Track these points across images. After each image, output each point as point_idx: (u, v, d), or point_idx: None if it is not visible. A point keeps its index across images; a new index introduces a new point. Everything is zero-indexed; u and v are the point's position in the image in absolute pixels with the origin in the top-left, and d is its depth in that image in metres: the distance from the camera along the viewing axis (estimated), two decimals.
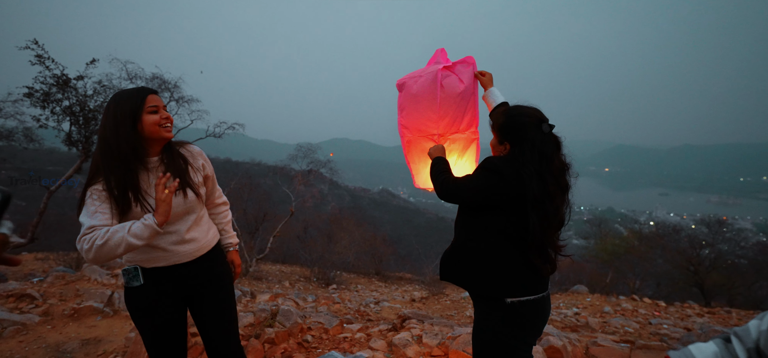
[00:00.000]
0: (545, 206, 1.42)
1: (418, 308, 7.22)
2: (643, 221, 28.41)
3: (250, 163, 32.64)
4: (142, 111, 1.46)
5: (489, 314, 1.50)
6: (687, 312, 6.91)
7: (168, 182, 1.46)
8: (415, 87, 1.68)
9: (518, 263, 1.46)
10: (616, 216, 42.42)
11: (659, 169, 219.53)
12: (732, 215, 73.91)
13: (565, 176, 1.50)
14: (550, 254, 1.48)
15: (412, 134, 1.77)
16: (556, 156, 1.48)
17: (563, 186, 1.49)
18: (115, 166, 1.40)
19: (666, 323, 5.56)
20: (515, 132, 1.50)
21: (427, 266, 13.62)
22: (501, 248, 1.47)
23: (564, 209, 1.50)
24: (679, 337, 4.46)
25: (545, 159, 1.44)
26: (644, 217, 56.69)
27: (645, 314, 6.37)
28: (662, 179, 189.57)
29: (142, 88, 1.49)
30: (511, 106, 1.62)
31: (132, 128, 1.43)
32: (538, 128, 1.48)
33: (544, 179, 1.42)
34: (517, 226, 1.43)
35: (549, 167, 1.44)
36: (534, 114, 1.52)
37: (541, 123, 1.49)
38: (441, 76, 1.66)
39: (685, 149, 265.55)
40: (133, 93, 1.47)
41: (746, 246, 15.98)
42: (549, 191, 1.42)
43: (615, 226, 21.56)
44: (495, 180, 1.44)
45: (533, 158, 1.43)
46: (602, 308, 6.82)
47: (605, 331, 4.86)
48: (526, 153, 1.43)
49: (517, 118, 1.51)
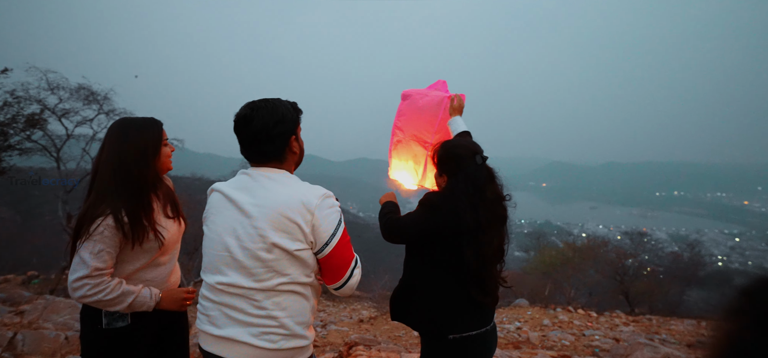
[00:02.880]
0: (480, 239, 1.42)
1: (367, 330, 7.11)
2: (576, 234, 30.58)
3: (190, 178, 30.83)
4: (161, 143, 1.50)
5: (433, 350, 1.49)
6: (615, 321, 7.46)
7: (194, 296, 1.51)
8: (422, 102, 1.89)
9: (461, 297, 1.45)
10: (553, 229, 45.38)
11: (589, 184, 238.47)
12: (650, 227, 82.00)
13: (499, 207, 1.51)
14: (491, 286, 1.47)
15: (405, 136, 1.94)
16: (488, 187, 1.50)
17: (499, 217, 1.50)
18: (133, 195, 1.40)
19: (597, 334, 5.94)
20: (451, 164, 1.53)
21: (375, 282, 13.55)
22: (443, 284, 1.47)
23: (502, 240, 1.51)
24: (608, 348, 4.77)
25: (478, 190, 1.46)
26: (577, 229, 61.14)
27: (579, 326, 6.78)
28: (592, 194, 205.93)
29: (154, 119, 1.52)
30: (450, 139, 1.67)
31: (154, 158, 1.47)
32: (472, 160, 1.50)
33: (477, 211, 1.43)
34: (457, 260, 1.43)
35: (482, 198, 1.46)
36: (468, 147, 1.55)
37: (474, 155, 1.51)
38: (446, 103, 1.88)
39: (611, 166, 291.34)
40: (151, 124, 1.49)
41: (663, 255, 17.77)
42: (482, 222, 1.43)
43: (552, 238, 23.01)
44: (432, 215, 1.46)
45: (467, 189, 1.45)
46: (542, 321, 7.16)
47: (545, 346, 5.07)
48: (460, 184, 1.46)
49: (452, 150, 1.55)
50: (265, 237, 1.22)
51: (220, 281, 1.26)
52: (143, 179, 1.43)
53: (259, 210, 1.24)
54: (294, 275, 1.25)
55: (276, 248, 1.22)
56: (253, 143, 1.30)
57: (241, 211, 1.26)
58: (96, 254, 1.32)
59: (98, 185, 1.40)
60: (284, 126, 1.31)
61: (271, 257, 1.22)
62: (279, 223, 1.22)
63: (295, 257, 1.24)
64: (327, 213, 1.27)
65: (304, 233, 1.24)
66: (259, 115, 1.28)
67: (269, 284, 1.23)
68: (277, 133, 1.29)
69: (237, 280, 1.24)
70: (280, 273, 1.24)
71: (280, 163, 1.34)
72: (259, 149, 1.31)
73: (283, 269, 1.24)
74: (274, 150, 1.31)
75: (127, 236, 1.37)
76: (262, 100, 1.32)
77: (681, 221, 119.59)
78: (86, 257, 1.31)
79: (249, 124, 1.28)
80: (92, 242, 1.32)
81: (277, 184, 1.28)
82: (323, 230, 1.26)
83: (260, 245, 1.22)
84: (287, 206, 1.23)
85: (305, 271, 1.29)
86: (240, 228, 1.25)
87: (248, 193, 1.27)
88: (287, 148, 1.34)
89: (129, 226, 1.37)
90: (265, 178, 1.29)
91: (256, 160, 1.33)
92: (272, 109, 1.30)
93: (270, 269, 1.23)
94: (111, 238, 1.34)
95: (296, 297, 1.28)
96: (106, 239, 1.33)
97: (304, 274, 1.28)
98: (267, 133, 1.28)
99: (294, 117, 1.36)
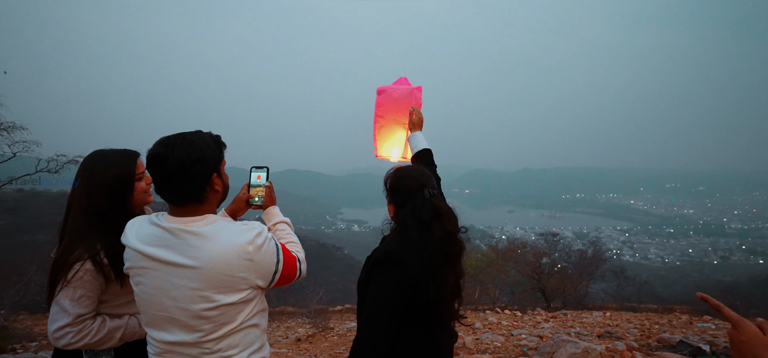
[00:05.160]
0: (435, 279, 1.34)
1: (306, 350, 6.93)
2: (497, 237, 32.91)
3: None
4: (135, 178, 1.40)
5: None
6: (537, 319, 8.16)
7: None
8: (396, 94, 2.20)
9: (422, 337, 1.39)
10: (477, 233, 48.28)
11: (507, 189, 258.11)
12: (559, 227, 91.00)
13: (451, 245, 1.39)
14: (450, 324, 1.42)
15: (386, 121, 2.23)
16: (436, 224, 1.37)
17: (451, 254, 1.39)
18: (109, 234, 1.31)
19: (524, 333, 6.46)
20: (399, 195, 1.46)
21: (310, 297, 13.25)
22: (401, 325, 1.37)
23: (459, 276, 1.43)
24: (535, 346, 5.22)
25: (426, 228, 1.36)
26: (498, 233, 65.75)
27: (507, 326, 7.31)
28: (509, 198, 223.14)
29: (127, 151, 1.42)
30: (402, 166, 1.57)
31: (125, 197, 1.37)
32: (420, 194, 1.42)
33: (427, 249, 1.34)
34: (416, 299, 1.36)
35: (430, 236, 1.35)
36: (417, 178, 1.46)
37: (423, 188, 1.43)
38: (416, 94, 2.22)
39: (525, 172, 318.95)
40: (122, 157, 1.40)
41: (571, 253, 19.83)
42: (434, 263, 1.33)
43: (476, 242, 24.49)
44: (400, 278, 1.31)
45: (415, 225, 1.37)
46: (474, 325, 7.58)
47: (479, 349, 5.39)
48: (408, 219, 1.39)
49: (401, 181, 1.47)
50: (207, 297, 1.15)
51: (166, 339, 1.20)
52: (117, 217, 1.33)
53: (195, 272, 1.15)
54: (244, 316, 1.23)
55: (221, 305, 1.17)
56: (170, 184, 1.18)
57: (172, 272, 1.16)
58: (77, 300, 1.25)
59: (71, 225, 1.32)
60: (204, 164, 1.20)
61: (217, 313, 1.17)
62: (221, 281, 1.16)
63: (244, 302, 1.22)
64: (265, 251, 1.22)
65: (249, 282, 1.20)
66: (175, 154, 1.15)
67: (218, 334, 1.19)
68: (196, 172, 1.18)
69: (183, 337, 1.18)
70: (229, 322, 1.20)
71: (201, 204, 1.24)
72: (177, 191, 1.19)
73: (232, 318, 1.20)
74: (195, 191, 1.20)
75: (109, 278, 1.29)
76: (179, 135, 1.20)
77: (583, 220, 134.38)
78: (66, 305, 1.24)
79: (163, 164, 1.15)
80: (71, 288, 1.25)
81: (205, 240, 1.17)
82: (267, 268, 1.24)
83: (203, 305, 1.16)
84: (225, 263, 1.15)
85: (256, 308, 1.27)
86: (176, 291, 1.15)
87: (175, 251, 1.16)
88: (208, 188, 1.24)
89: (109, 267, 1.29)
90: (188, 234, 1.17)
91: (173, 201, 1.22)
92: (189, 145, 1.17)
93: (218, 323, 1.18)
94: (91, 282, 1.28)
95: (248, 330, 1.25)
96: (86, 284, 1.27)
97: (254, 311, 1.26)
98: (184, 172, 1.17)
99: (215, 153, 1.25)
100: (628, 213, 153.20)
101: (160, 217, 1.23)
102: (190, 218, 1.21)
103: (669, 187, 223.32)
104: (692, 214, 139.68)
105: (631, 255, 72.35)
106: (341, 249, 47.55)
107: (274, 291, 19.82)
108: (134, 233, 1.22)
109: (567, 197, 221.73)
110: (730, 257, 73.22)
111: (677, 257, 72.61)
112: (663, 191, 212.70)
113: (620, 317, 8.51)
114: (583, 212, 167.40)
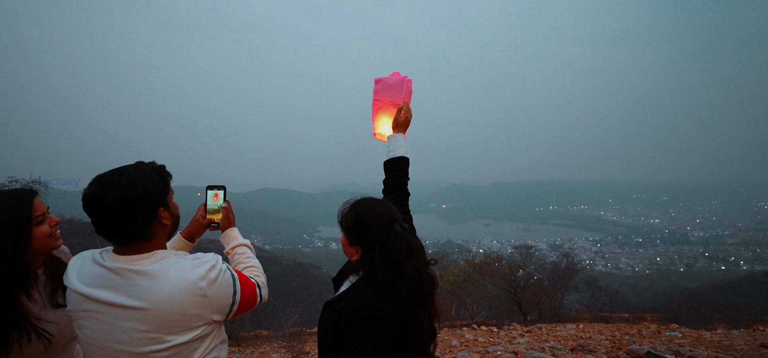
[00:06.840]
0: (411, 328, 1.23)
1: None
2: (475, 251, 33.23)
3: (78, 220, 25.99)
4: (31, 223, 1.21)
5: None
6: (513, 334, 8.20)
7: None
8: (390, 82, 2.37)
9: None
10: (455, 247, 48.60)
11: (482, 203, 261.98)
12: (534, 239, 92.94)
13: (423, 284, 1.27)
14: None
15: (383, 104, 2.36)
16: (408, 263, 1.25)
17: (423, 296, 1.26)
18: None
19: (499, 350, 6.46)
20: (364, 237, 1.31)
21: (285, 320, 12.89)
22: None
23: (433, 316, 1.31)
24: None
25: (397, 267, 1.24)
26: (475, 246, 66.43)
27: (484, 343, 7.30)
28: (485, 212, 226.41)
29: (21, 190, 1.24)
30: (359, 200, 1.40)
31: (18, 248, 1.18)
32: (390, 230, 1.29)
33: (400, 294, 1.22)
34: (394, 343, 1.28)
35: (402, 277, 1.23)
36: (384, 213, 1.32)
37: (392, 223, 1.30)
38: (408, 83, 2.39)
39: (499, 186, 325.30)
40: (14, 199, 1.21)
41: (545, 265, 20.19)
42: (408, 307, 1.22)
43: (454, 257, 24.64)
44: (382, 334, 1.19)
45: (385, 267, 1.24)
46: (450, 343, 7.54)
47: None
48: (378, 261, 1.25)
49: (366, 218, 1.32)
50: (157, 339, 1.09)
51: None
52: (5, 273, 1.16)
53: (143, 314, 1.07)
54: (200, 352, 1.17)
55: (174, 346, 1.11)
56: (110, 225, 1.10)
57: (118, 315, 1.08)
58: None
59: None
60: (146, 200, 1.11)
61: (169, 353, 1.11)
62: (172, 321, 1.09)
63: (198, 338, 1.15)
64: (219, 284, 1.16)
65: (204, 318, 1.14)
66: (113, 193, 1.07)
67: None
68: (139, 209, 1.10)
69: None
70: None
71: (148, 241, 1.15)
72: (119, 231, 1.11)
73: (187, 357, 1.14)
74: (138, 229, 1.12)
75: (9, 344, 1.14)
76: (117, 171, 1.11)
77: (556, 232, 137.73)
78: None
79: (101, 204, 1.07)
80: None
81: (153, 279, 1.09)
82: (223, 301, 1.18)
83: (153, 347, 1.09)
84: (176, 302, 1.09)
85: (213, 342, 1.21)
86: (122, 334, 1.08)
87: (121, 293, 1.08)
88: (155, 223, 1.16)
89: None
90: (134, 273, 1.09)
91: (117, 241, 1.14)
92: (129, 182, 1.09)
93: None
94: None
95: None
96: None
97: (212, 345, 1.20)
98: (125, 212, 1.08)
99: (159, 186, 1.16)
100: (598, 224, 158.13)
101: (104, 255, 1.15)
102: (136, 255, 1.13)
103: (636, 197, 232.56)
104: (658, 223, 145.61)
105: (604, 265, 74.45)
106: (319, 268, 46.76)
107: (247, 315, 19.17)
108: (75, 273, 1.13)
109: (540, 209, 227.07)
110: (695, 264, 76.51)
111: (646, 266, 75.18)
112: (630, 202, 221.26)
113: (593, 328, 8.67)
114: (557, 223, 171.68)
